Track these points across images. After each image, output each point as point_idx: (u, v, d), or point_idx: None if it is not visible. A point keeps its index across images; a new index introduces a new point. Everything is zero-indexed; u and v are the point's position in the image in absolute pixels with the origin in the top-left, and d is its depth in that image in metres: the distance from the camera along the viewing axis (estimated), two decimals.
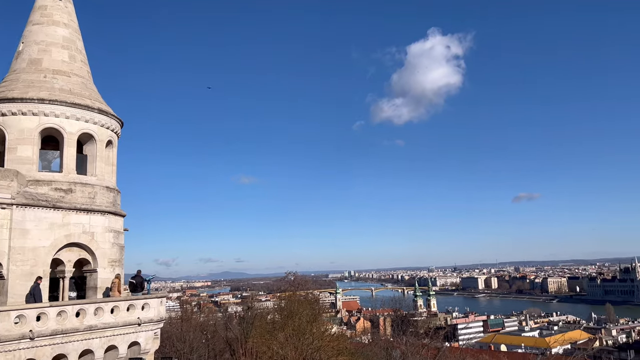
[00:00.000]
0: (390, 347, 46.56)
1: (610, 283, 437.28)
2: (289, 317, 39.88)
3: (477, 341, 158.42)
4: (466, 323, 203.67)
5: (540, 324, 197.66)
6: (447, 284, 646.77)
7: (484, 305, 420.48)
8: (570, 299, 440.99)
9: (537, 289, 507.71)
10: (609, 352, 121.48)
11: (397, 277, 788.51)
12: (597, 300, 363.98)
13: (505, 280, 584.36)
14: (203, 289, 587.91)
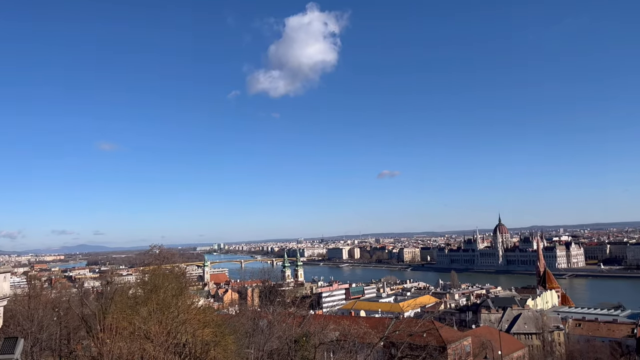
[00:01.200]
0: (257, 317, 47.12)
1: (455, 253, 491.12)
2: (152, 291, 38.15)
3: (340, 308, 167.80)
4: (330, 291, 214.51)
5: (396, 290, 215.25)
6: (315, 255, 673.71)
7: (347, 274, 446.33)
8: (422, 267, 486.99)
9: (394, 258, 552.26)
10: (452, 314, 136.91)
11: (267, 249, 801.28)
12: (445, 268, 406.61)
13: (367, 250, 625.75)
14: (55, 264, 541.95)
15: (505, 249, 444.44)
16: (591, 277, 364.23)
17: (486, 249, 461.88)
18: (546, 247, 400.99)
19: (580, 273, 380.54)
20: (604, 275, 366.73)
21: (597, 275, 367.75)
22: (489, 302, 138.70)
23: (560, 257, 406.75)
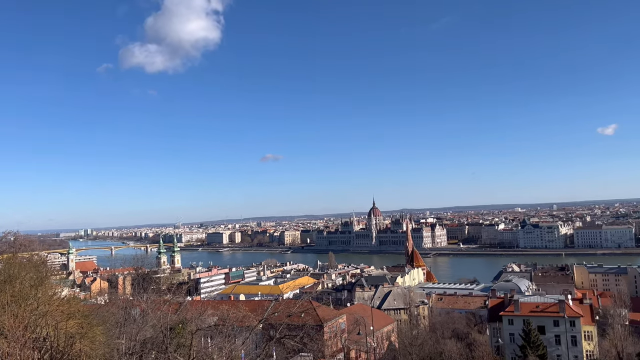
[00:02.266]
0: (129, 306, 44.49)
1: (333, 235, 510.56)
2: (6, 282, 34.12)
3: (219, 293, 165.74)
4: (209, 277, 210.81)
5: (276, 273, 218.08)
6: (193, 240, 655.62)
7: (227, 258, 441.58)
8: (302, 250, 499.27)
9: (275, 241, 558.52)
10: (329, 293, 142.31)
11: (141, 235, 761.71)
12: (323, 249, 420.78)
13: (248, 234, 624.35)
14: None
15: (379, 230, 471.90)
16: (452, 255, 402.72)
17: (361, 230, 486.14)
18: (414, 228, 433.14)
19: (443, 252, 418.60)
20: (463, 254, 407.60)
21: (457, 254, 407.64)
22: (363, 281, 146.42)
23: (426, 238, 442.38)
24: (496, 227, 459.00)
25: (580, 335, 71.46)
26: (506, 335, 73.78)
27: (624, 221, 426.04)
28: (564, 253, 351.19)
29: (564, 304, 73.21)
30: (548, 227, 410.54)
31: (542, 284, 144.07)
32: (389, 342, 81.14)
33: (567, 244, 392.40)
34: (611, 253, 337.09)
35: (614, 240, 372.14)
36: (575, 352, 70.48)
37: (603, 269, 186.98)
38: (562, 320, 71.90)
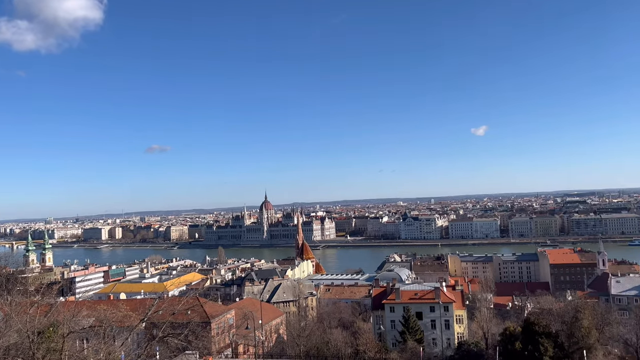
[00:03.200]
0: None
1: (223, 229, 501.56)
2: None
3: (97, 292, 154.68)
4: (85, 275, 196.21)
5: (161, 270, 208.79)
6: (68, 236, 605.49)
7: (107, 255, 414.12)
8: (190, 245, 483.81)
9: (160, 237, 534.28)
10: (217, 289, 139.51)
11: (6, 231, 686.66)
12: (213, 244, 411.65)
13: (130, 230, 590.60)
14: None
15: (270, 224, 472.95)
16: (340, 247, 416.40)
17: (253, 224, 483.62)
18: (305, 222, 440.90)
19: (331, 244, 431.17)
20: (350, 245, 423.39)
21: (345, 246, 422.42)
22: (253, 275, 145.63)
23: (316, 231, 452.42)
24: (380, 220, 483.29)
25: (452, 319, 77.50)
26: (388, 322, 77.70)
27: (491, 214, 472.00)
28: (440, 243, 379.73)
29: (439, 291, 78.85)
30: (426, 219, 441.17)
31: (421, 272, 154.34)
32: (278, 334, 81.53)
33: (443, 235, 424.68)
34: (480, 243, 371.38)
35: (482, 232, 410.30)
36: (448, 335, 76.31)
37: (473, 257, 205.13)
38: (437, 306, 77.41)
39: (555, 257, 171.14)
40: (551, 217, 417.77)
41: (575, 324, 57.38)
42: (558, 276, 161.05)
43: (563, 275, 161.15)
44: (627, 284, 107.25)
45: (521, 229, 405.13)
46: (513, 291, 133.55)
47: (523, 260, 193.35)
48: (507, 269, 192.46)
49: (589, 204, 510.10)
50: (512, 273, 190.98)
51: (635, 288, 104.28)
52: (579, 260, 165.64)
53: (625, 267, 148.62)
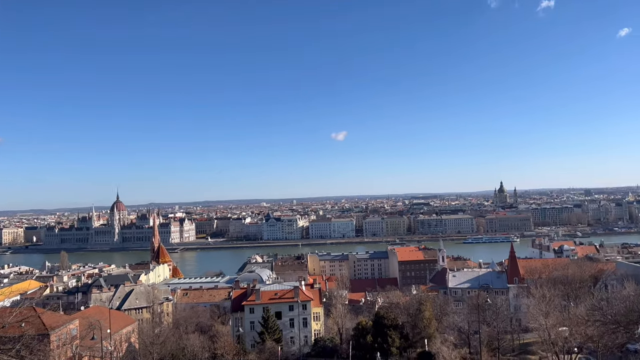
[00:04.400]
0: None
1: (67, 232, 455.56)
2: None
3: None
4: None
5: None
6: None
7: None
8: (27, 249, 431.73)
9: None
10: (59, 298, 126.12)
11: None
12: (54, 248, 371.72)
13: None
14: None
15: (123, 226, 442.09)
16: (200, 249, 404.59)
17: (102, 226, 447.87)
18: (162, 223, 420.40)
19: (191, 246, 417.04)
20: (211, 247, 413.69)
21: (205, 248, 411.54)
22: (101, 281, 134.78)
23: (174, 233, 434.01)
24: (243, 221, 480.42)
25: (310, 317, 79.56)
26: (247, 323, 77.14)
27: (347, 215, 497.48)
28: (301, 243, 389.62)
29: (298, 289, 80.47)
30: (288, 220, 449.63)
31: (282, 272, 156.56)
32: (129, 343, 76.12)
33: (304, 235, 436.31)
34: (337, 242, 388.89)
35: (340, 231, 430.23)
36: (305, 333, 78.15)
37: (330, 256, 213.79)
38: (296, 305, 78.85)
39: (403, 254, 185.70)
40: (400, 218, 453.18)
41: (419, 316, 62.62)
42: (405, 272, 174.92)
43: (409, 271, 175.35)
44: (462, 277, 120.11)
45: (374, 229, 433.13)
46: (366, 287, 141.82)
47: (375, 258, 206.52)
48: (361, 267, 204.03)
49: (432, 206, 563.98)
50: (366, 270, 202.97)
51: (468, 281, 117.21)
52: (423, 257, 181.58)
53: (460, 262, 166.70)
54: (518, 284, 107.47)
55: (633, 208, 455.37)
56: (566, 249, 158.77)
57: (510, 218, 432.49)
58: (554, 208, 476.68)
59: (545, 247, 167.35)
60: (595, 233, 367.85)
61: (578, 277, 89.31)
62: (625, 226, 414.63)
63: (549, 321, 53.31)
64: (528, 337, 73.30)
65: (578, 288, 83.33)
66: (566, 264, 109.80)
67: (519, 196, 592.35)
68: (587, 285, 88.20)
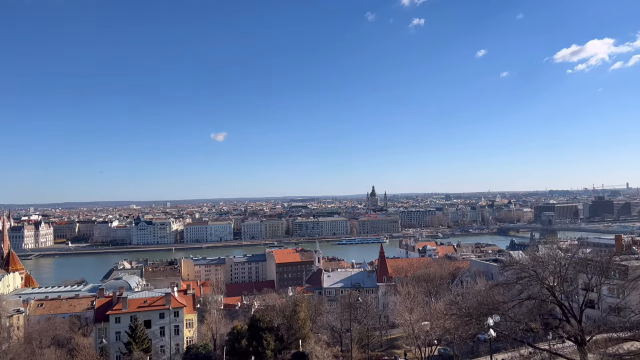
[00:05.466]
0: None
1: None
2: None
3: None
4: None
5: None
6: None
7: None
8: None
9: None
10: None
11: None
12: None
13: None
14: None
15: None
16: (59, 255, 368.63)
17: None
18: (14, 227, 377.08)
19: (48, 252, 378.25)
20: (72, 253, 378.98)
21: (66, 253, 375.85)
22: None
23: (28, 237, 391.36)
24: (110, 224, 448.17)
25: (182, 324, 76.46)
26: (113, 334, 71.88)
27: (226, 217, 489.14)
28: (175, 248, 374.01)
29: (170, 296, 76.93)
30: (161, 223, 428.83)
31: (153, 279, 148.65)
32: None
33: (178, 239, 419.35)
34: (214, 246, 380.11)
35: (217, 235, 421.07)
36: (177, 341, 74.90)
37: (206, 260, 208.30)
38: (167, 312, 75.27)
39: (281, 256, 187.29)
40: (279, 220, 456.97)
41: (294, 317, 63.26)
42: (282, 274, 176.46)
43: (287, 273, 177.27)
44: (336, 277, 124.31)
45: (253, 232, 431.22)
46: (243, 291, 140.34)
47: (253, 261, 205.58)
48: (238, 270, 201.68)
49: (309, 208, 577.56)
50: (243, 273, 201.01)
51: (341, 281, 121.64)
52: (299, 259, 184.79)
53: (335, 263, 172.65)
54: (387, 282, 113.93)
55: (485, 212, 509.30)
56: (429, 249, 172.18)
57: (381, 220, 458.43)
58: (419, 211, 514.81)
59: (410, 248, 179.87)
60: (453, 234, 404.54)
61: (439, 274, 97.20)
62: (478, 227, 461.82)
63: (413, 316, 57.07)
64: (395, 333, 77.87)
65: (438, 285, 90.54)
66: (429, 262, 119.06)
67: (389, 200, 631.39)
68: (446, 282, 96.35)
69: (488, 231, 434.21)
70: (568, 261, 55.95)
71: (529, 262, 56.76)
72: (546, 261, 54.69)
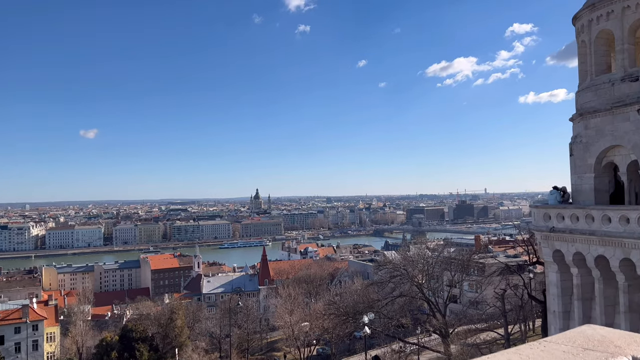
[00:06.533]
0: None
1: None
2: None
3: None
4: None
5: None
6: None
7: None
8: None
9: None
10: None
11: None
12: None
13: None
14: None
15: None
16: None
17: None
18: None
19: None
20: None
21: None
22: None
23: None
24: None
25: (42, 338, 69.33)
26: None
27: (95, 221, 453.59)
28: (34, 255, 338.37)
29: (28, 308, 69.33)
30: (18, 228, 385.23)
31: (7, 289, 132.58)
32: None
33: (39, 245, 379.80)
34: (82, 252, 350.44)
35: (85, 240, 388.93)
36: (35, 357, 67.72)
37: (72, 268, 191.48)
38: (24, 326, 67.74)
39: (157, 262, 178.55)
40: (155, 224, 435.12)
41: (170, 325, 60.58)
42: (158, 281, 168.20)
43: (163, 280, 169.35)
44: (216, 282, 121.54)
45: (126, 237, 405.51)
46: (114, 300, 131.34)
47: (125, 267, 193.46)
48: (109, 278, 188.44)
49: (189, 211, 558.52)
50: (114, 281, 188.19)
51: (222, 286, 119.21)
52: (177, 265, 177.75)
53: (216, 267, 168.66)
54: (268, 285, 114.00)
55: (362, 214, 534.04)
56: (310, 251, 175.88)
57: (264, 223, 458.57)
58: (302, 214, 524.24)
59: (293, 250, 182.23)
60: (334, 236, 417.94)
61: (319, 275, 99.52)
62: (356, 229, 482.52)
63: (293, 318, 57.64)
64: (275, 335, 78.09)
65: (318, 285, 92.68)
66: (309, 264, 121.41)
67: (273, 202, 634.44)
68: (326, 282, 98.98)
69: (365, 232, 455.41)
70: (435, 260, 60.47)
71: (401, 261, 60.45)
72: (416, 260, 58.63)
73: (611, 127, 20.20)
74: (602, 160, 20.93)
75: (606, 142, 20.51)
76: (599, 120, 20.77)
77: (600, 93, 20.82)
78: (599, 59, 21.54)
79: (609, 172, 21.12)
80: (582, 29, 21.99)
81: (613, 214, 18.54)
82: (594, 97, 21.12)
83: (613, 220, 18.44)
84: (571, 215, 20.24)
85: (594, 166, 20.89)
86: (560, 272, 21.53)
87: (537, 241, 27.43)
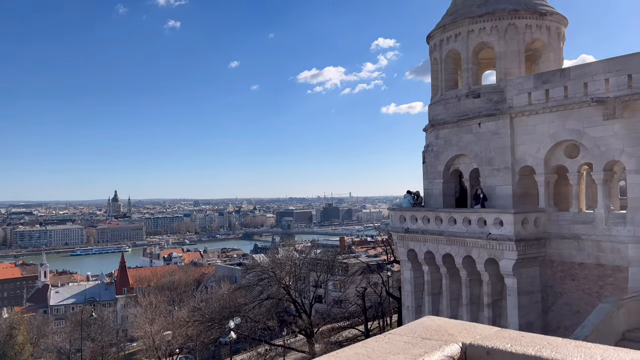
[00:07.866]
0: None
1: None
2: None
3: None
4: None
5: None
6: None
7: None
8: None
9: None
10: None
11: None
12: None
13: None
14: None
15: None
16: None
17: None
18: None
19: None
20: None
21: None
22: None
23: None
24: None
25: None
26: None
27: None
28: None
29: None
30: None
31: None
32: None
33: None
34: None
35: None
36: None
37: None
38: None
39: None
40: None
41: (9, 342, 53.97)
42: None
43: (2, 292, 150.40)
44: (66, 293, 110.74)
45: None
46: None
47: None
48: None
49: (35, 215, 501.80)
50: None
51: (73, 296, 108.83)
52: (20, 274, 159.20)
53: (66, 277, 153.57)
54: (127, 294, 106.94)
55: (232, 217, 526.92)
56: (175, 256, 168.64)
57: (124, 228, 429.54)
58: (166, 217, 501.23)
59: (155, 256, 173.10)
60: (201, 240, 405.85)
61: (184, 281, 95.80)
62: (225, 233, 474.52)
63: (154, 327, 54.63)
64: (134, 347, 73.43)
65: (183, 292, 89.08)
66: (174, 270, 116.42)
67: (134, 205, 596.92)
68: (191, 289, 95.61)
69: (234, 236, 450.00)
70: (302, 261, 61.75)
71: (269, 264, 60.76)
72: (284, 262, 59.35)
73: (457, 138, 22.41)
74: (450, 167, 23.11)
75: (453, 152, 22.69)
76: (447, 132, 22.91)
77: (448, 107, 22.99)
78: (448, 75, 23.80)
79: (455, 179, 23.40)
80: (435, 48, 24.12)
81: (458, 216, 20.54)
82: (443, 110, 23.25)
83: (458, 221, 20.43)
84: (423, 217, 22.01)
85: (442, 173, 22.98)
86: (413, 269, 23.29)
87: (394, 241, 29.40)
